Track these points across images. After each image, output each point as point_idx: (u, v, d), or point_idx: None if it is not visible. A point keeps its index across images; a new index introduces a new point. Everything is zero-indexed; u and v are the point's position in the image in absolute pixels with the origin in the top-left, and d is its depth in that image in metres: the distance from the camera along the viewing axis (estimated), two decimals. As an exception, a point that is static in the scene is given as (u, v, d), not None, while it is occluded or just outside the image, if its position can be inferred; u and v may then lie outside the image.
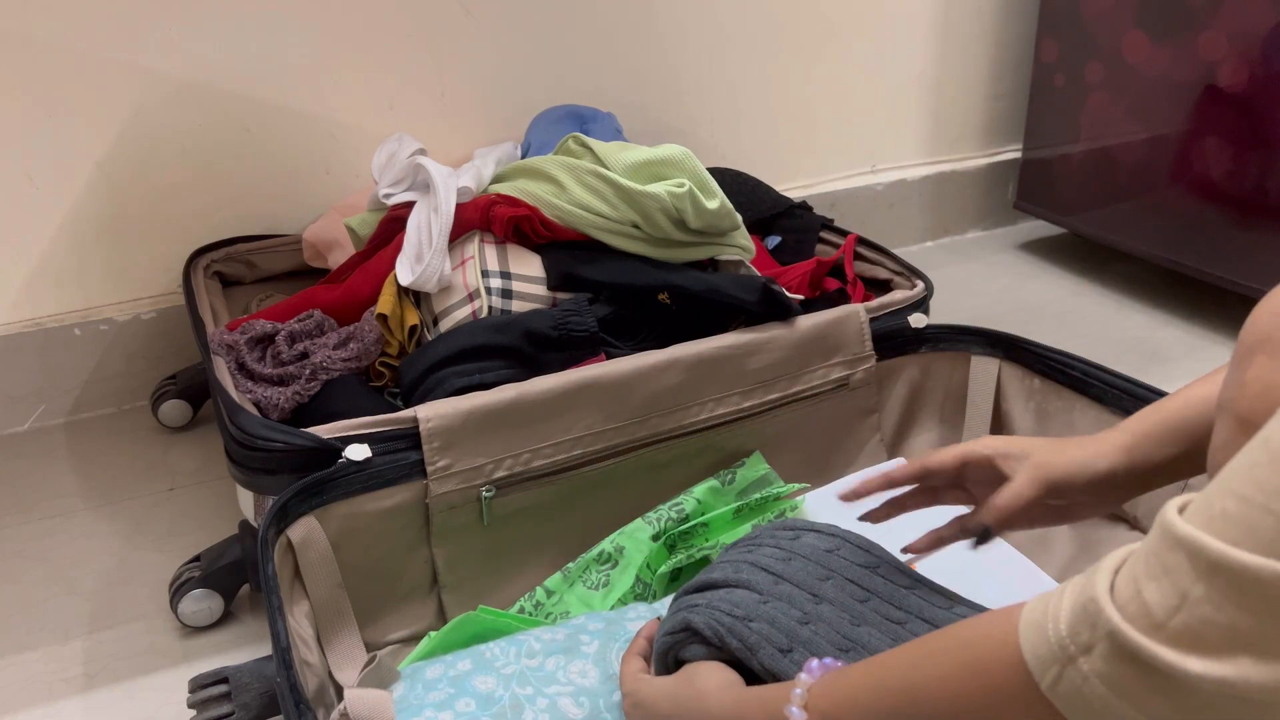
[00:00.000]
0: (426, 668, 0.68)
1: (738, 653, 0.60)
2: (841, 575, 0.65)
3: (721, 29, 1.50)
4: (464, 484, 0.85)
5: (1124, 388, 0.89)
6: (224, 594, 0.91)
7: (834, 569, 0.65)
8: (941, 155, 1.75)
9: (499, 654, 0.68)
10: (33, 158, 1.17)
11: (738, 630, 0.60)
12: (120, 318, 1.26)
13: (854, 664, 0.53)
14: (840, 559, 0.66)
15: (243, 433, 0.82)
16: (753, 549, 0.66)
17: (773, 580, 0.63)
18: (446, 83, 1.35)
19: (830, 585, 0.64)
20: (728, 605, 0.61)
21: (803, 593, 0.63)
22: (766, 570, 0.64)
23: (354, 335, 0.98)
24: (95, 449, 1.20)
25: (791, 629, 0.60)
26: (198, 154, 1.25)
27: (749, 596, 0.62)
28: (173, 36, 1.19)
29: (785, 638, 0.59)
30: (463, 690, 0.65)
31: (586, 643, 0.70)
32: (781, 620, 0.60)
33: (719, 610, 0.61)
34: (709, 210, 1.01)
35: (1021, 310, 1.50)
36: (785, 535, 0.67)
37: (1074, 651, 0.39)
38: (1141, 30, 1.41)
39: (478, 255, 1.01)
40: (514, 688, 0.65)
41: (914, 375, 1.04)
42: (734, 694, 0.58)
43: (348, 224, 1.16)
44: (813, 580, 0.64)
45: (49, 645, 0.90)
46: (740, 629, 0.60)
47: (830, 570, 0.65)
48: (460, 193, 1.02)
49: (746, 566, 0.64)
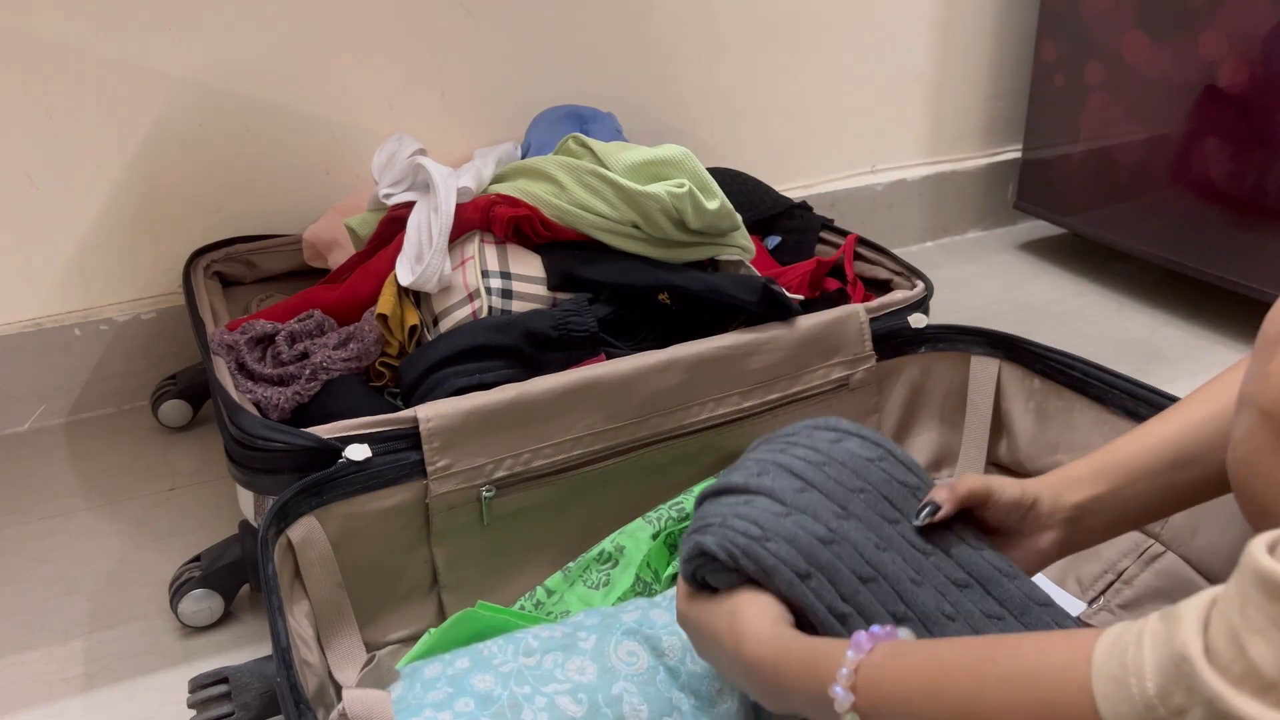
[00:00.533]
0: (425, 667, 0.68)
1: (755, 575, 0.56)
2: (876, 490, 0.61)
3: (721, 29, 1.50)
4: (464, 484, 0.85)
5: (1124, 388, 0.89)
6: (224, 594, 0.91)
7: (871, 481, 0.61)
8: (941, 155, 1.75)
9: (497, 652, 0.68)
10: (33, 158, 1.18)
11: (753, 551, 0.56)
12: (120, 318, 1.26)
13: (910, 652, 0.49)
14: (880, 471, 0.62)
15: (243, 433, 0.82)
16: (786, 448, 0.62)
17: (799, 488, 0.59)
18: (446, 83, 1.35)
19: (861, 500, 0.60)
20: (743, 522, 0.57)
21: (830, 504, 0.58)
22: (795, 475, 0.60)
23: (354, 335, 0.98)
24: (95, 449, 1.20)
25: (812, 550, 0.56)
26: (198, 154, 1.25)
27: (768, 508, 0.58)
28: (173, 36, 1.19)
29: (804, 561, 0.56)
30: (461, 689, 0.65)
31: (584, 639, 0.70)
32: (802, 539, 0.57)
33: (733, 529, 0.57)
34: (709, 210, 1.01)
35: (1021, 310, 1.50)
36: (825, 437, 0.63)
37: (1164, 715, 0.35)
38: (1141, 30, 1.41)
39: (478, 255, 1.01)
40: (512, 686, 0.65)
41: (914, 375, 1.04)
42: (773, 646, 0.54)
43: (348, 224, 1.16)
44: (844, 491, 0.60)
45: (49, 645, 0.90)
46: (755, 550, 0.56)
47: (866, 482, 0.61)
48: (460, 193, 1.02)
49: (773, 469, 0.60)
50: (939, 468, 1.03)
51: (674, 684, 0.69)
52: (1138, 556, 0.86)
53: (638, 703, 0.66)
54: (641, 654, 0.69)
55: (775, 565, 0.56)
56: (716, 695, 0.70)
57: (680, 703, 0.68)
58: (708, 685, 0.70)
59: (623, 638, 0.70)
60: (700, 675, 0.70)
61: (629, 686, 0.67)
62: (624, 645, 0.70)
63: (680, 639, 0.71)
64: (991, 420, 1.01)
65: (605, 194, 1.00)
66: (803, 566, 0.56)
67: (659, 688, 0.68)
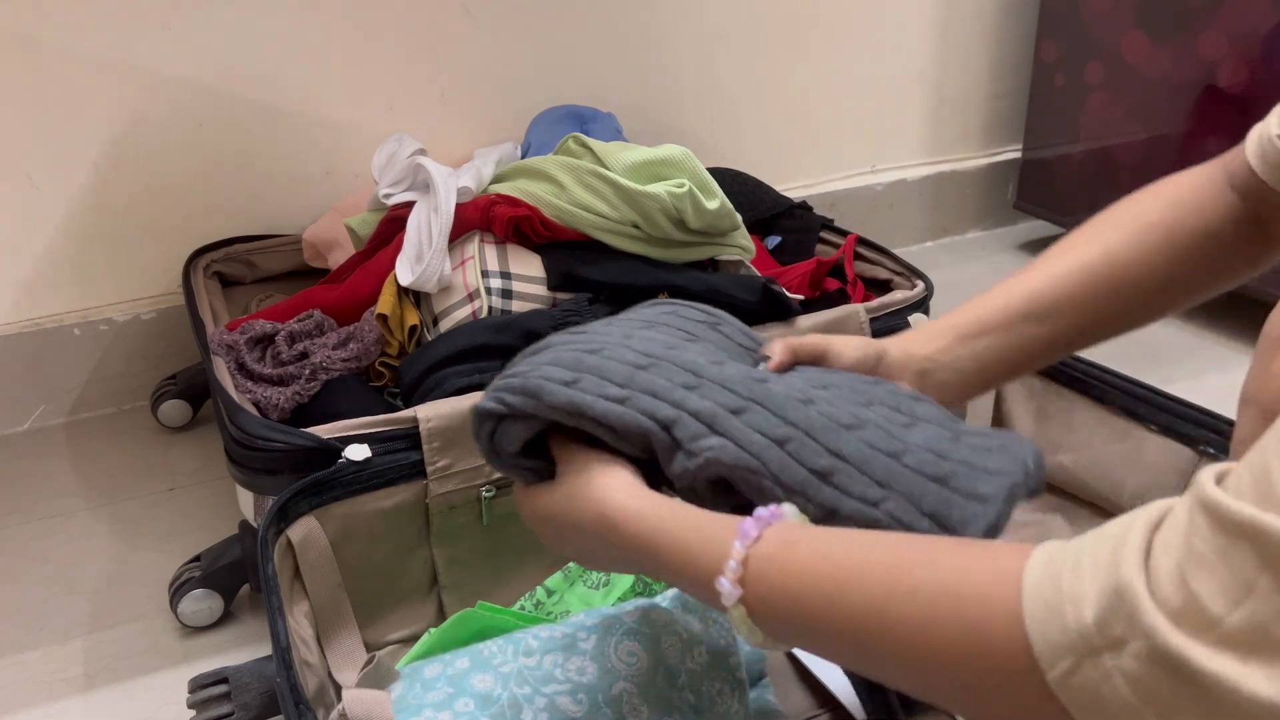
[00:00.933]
0: (425, 667, 0.68)
1: (530, 409, 0.53)
2: (710, 343, 0.59)
3: (721, 29, 1.50)
4: (464, 484, 0.85)
5: (1124, 388, 0.89)
6: (224, 594, 0.91)
7: (703, 337, 0.59)
8: (941, 155, 1.75)
9: (497, 652, 0.68)
10: (33, 158, 1.17)
11: (517, 385, 0.53)
12: (120, 318, 1.26)
13: (805, 543, 0.44)
14: (716, 333, 0.60)
15: (243, 433, 0.82)
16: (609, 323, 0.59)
17: (601, 337, 0.56)
18: (446, 83, 1.35)
19: (694, 345, 0.57)
20: (513, 372, 0.55)
21: (641, 346, 0.55)
22: (602, 332, 0.57)
23: (354, 335, 0.98)
24: (95, 449, 1.20)
25: (580, 361, 0.54)
26: (198, 154, 1.25)
27: (560, 352, 0.55)
28: (173, 37, 1.19)
29: (570, 370, 0.53)
30: (461, 690, 0.65)
31: (584, 639, 0.70)
32: (569, 357, 0.54)
33: (503, 379, 0.55)
34: (709, 210, 1.01)
35: (1021, 310, 1.50)
36: (652, 311, 0.61)
37: (1099, 644, 0.33)
38: (1141, 30, 1.41)
39: (478, 255, 1.01)
40: (512, 686, 0.65)
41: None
42: (646, 524, 0.49)
43: (348, 224, 1.16)
44: (674, 335, 0.57)
45: (49, 645, 0.90)
46: (519, 383, 0.53)
47: (698, 337, 0.59)
48: (460, 193, 1.02)
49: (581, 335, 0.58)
50: (939, 468, 1.03)
51: (674, 684, 0.69)
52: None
53: (637, 703, 0.66)
54: (641, 654, 0.69)
55: (539, 383, 0.52)
56: (717, 696, 0.70)
57: (680, 703, 0.68)
58: (707, 686, 0.70)
59: (623, 638, 0.70)
60: (700, 675, 0.70)
61: (629, 687, 0.67)
62: (624, 645, 0.69)
63: (681, 639, 0.71)
64: (992, 420, 1.01)
65: (605, 194, 1.00)
66: (568, 375, 0.52)
67: (659, 688, 0.68)
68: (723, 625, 0.74)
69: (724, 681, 0.70)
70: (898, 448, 0.52)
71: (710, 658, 0.71)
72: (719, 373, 0.54)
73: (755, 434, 0.51)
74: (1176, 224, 0.63)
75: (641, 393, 0.53)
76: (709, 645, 0.72)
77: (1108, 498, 0.90)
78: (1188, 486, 0.34)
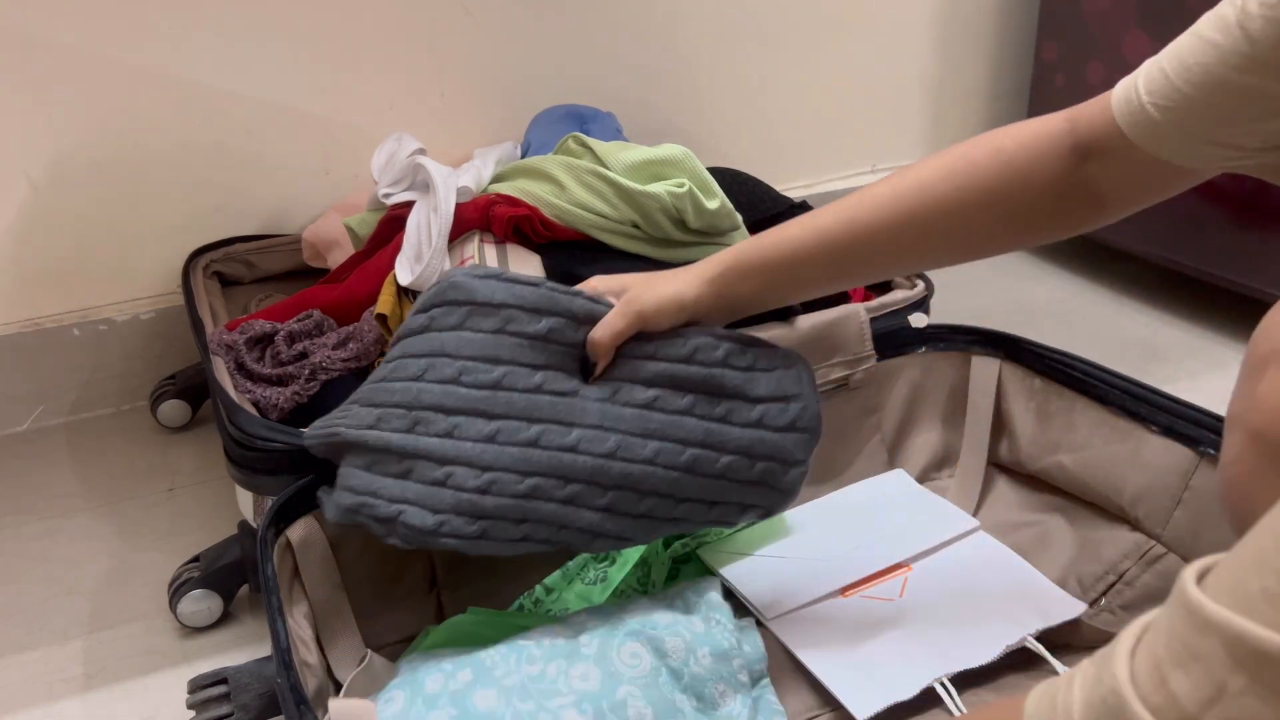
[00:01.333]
0: (426, 680, 0.67)
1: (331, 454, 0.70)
2: (512, 361, 0.73)
3: (721, 29, 1.50)
4: (464, 484, 0.85)
5: (1125, 388, 0.89)
6: (223, 594, 0.91)
7: (503, 358, 0.73)
8: (941, 155, 1.75)
9: (499, 661, 0.68)
10: (33, 158, 1.17)
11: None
12: (119, 318, 1.26)
13: None
14: (510, 341, 0.73)
15: (242, 433, 0.82)
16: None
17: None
18: (446, 83, 1.35)
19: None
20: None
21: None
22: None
23: (353, 335, 0.98)
24: (95, 449, 1.20)
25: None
26: (197, 154, 1.25)
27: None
28: (173, 37, 1.19)
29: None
30: (464, 711, 0.64)
31: (586, 643, 0.69)
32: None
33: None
34: (709, 210, 1.01)
35: (1021, 310, 1.50)
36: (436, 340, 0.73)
37: None
38: (1141, 30, 1.41)
39: (477, 255, 1.01)
40: (515, 703, 0.64)
41: (914, 375, 1.04)
42: None
43: (347, 224, 1.16)
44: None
45: (49, 645, 0.90)
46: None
47: (495, 363, 0.72)
48: (460, 192, 1.02)
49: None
50: (939, 467, 1.03)
51: (677, 686, 0.69)
52: (1139, 558, 0.86)
53: (642, 706, 0.66)
54: (644, 655, 0.69)
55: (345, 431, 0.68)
56: (720, 697, 0.70)
57: (684, 705, 0.68)
58: (710, 687, 0.70)
59: (625, 639, 0.70)
60: (703, 677, 0.70)
61: (633, 690, 0.66)
62: (627, 647, 0.69)
63: (683, 640, 0.71)
64: (992, 420, 1.00)
65: (605, 194, 1.00)
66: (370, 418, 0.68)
67: (662, 690, 0.67)
68: (725, 626, 0.74)
69: (726, 682, 0.70)
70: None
71: (713, 659, 0.71)
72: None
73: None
74: (1001, 188, 0.67)
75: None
76: (711, 646, 0.71)
77: (1108, 498, 0.90)
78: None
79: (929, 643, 0.78)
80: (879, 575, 0.86)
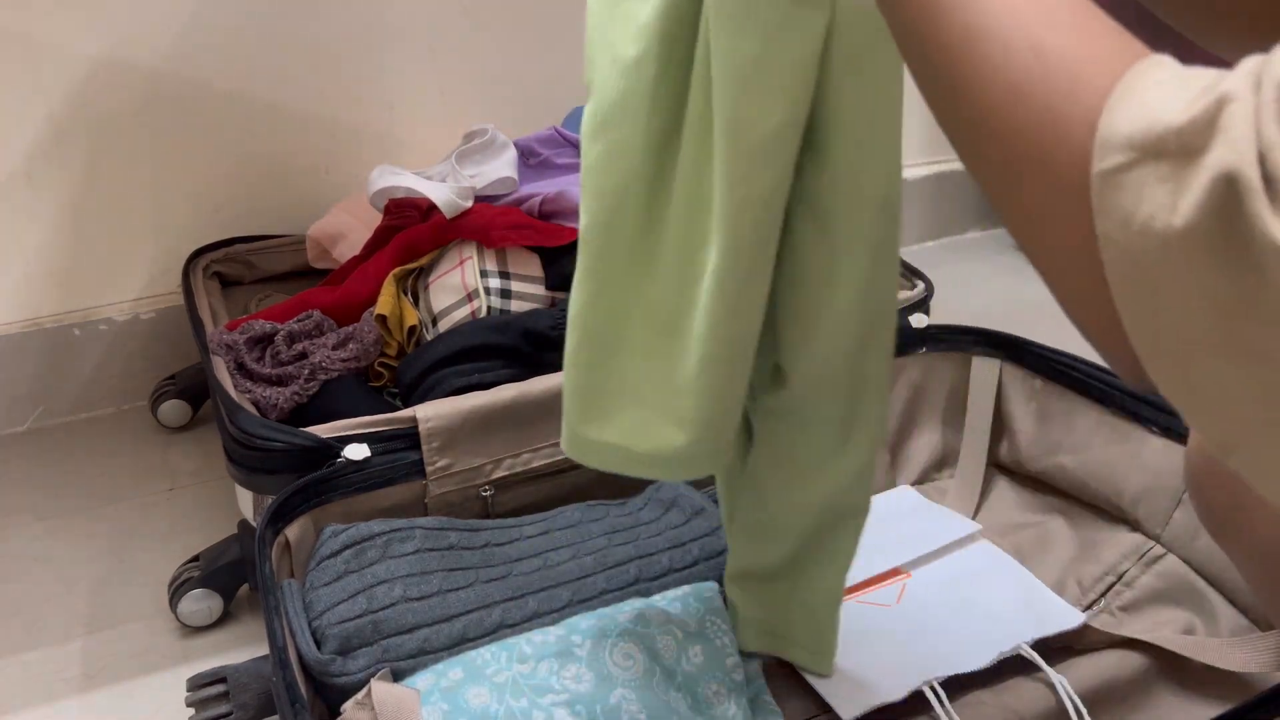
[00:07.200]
0: (417, 679, 0.67)
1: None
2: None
3: (722, 29, 1.49)
4: (463, 484, 0.85)
5: (1125, 388, 0.89)
6: (223, 594, 0.91)
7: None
8: (941, 155, 1.75)
9: (490, 660, 0.68)
10: (33, 157, 1.17)
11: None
12: (120, 318, 1.26)
13: None
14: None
15: (242, 432, 0.82)
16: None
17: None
18: (446, 83, 1.35)
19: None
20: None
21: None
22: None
23: (353, 336, 0.98)
24: (95, 449, 1.20)
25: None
26: (197, 154, 1.25)
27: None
28: (173, 37, 1.19)
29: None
30: (457, 708, 0.64)
31: (578, 644, 0.69)
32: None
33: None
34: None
35: (1021, 310, 1.50)
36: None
37: (1171, 148, 0.28)
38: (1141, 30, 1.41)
39: (476, 255, 1.01)
40: (508, 699, 0.64)
41: (915, 376, 1.04)
42: None
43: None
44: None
45: (49, 645, 0.90)
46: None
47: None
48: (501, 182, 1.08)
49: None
50: (939, 468, 1.03)
51: (670, 685, 0.68)
52: (1138, 559, 0.86)
53: (636, 710, 0.66)
54: (638, 655, 0.69)
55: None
56: (713, 696, 0.70)
57: (678, 704, 0.68)
58: (703, 687, 0.70)
59: (618, 640, 0.70)
60: (696, 676, 0.70)
61: (627, 693, 0.66)
62: (620, 648, 0.69)
63: (676, 639, 0.70)
64: (992, 421, 1.00)
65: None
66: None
67: (656, 691, 0.67)
68: (719, 625, 0.73)
69: (720, 683, 0.70)
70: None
71: (706, 658, 0.71)
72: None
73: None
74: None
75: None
76: (705, 645, 0.71)
77: (1108, 499, 0.90)
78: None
79: (923, 648, 0.77)
80: (877, 580, 0.85)
